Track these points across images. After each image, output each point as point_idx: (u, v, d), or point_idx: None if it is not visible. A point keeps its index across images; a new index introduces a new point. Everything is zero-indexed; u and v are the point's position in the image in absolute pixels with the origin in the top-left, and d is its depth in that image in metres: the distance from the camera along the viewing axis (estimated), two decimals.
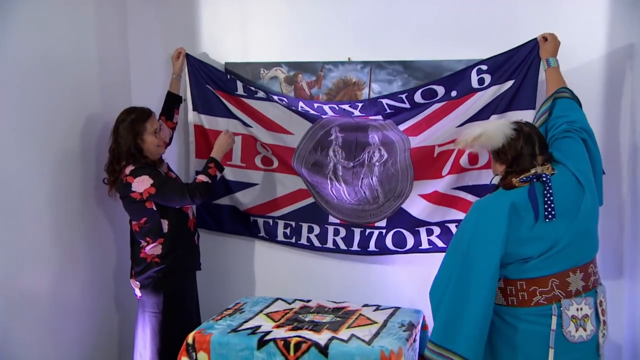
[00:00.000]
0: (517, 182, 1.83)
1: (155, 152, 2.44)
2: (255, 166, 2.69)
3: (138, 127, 2.39)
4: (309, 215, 2.66)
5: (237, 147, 2.68)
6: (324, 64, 2.66)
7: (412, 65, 2.55)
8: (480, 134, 1.84)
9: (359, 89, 2.63)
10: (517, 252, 1.79)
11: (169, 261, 2.42)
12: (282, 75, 2.72)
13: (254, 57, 2.77)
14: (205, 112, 2.67)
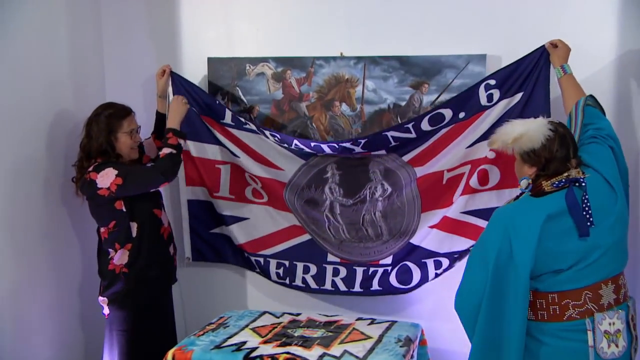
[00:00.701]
0: (549, 187, 1.78)
1: (127, 154, 2.35)
2: (245, 198, 2.61)
3: (114, 124, 2.30)
4: (304, 254, 2.58)
5: (226, 176, 2.61)
6: (314, 59, 2.61)
7: (409, 61, 2.52)
8: (522, 134, 1.78)
9: (352, 86, 2.60)
10: (551, 263, 1.73)
11: (137, 270, 2.32)
12: (269, 71, 2.68)
13: (239, 51, 2.71)
14: (192, 138, 2.58)
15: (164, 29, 2.78)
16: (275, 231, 2.59)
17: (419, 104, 2.54)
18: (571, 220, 1.73)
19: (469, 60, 2.43)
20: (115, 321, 2.36)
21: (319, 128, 2.66)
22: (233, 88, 2.73)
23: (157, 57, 2.78)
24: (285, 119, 2.69)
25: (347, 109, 2.62)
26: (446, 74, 2.48)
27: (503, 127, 1.88)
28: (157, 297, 2.43)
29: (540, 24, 2.35)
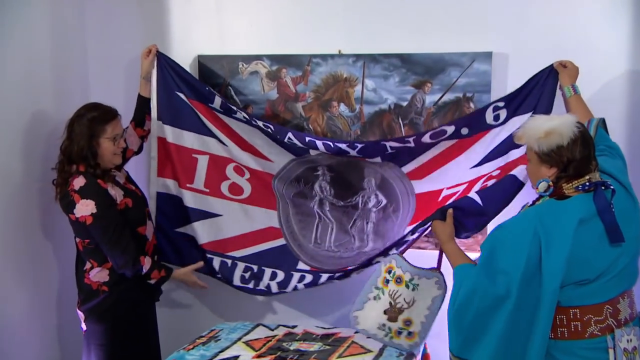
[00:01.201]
0: (571, 190, 1.73)
1: (109, 160, 2.28)
2: (221, 194, 2.51)
3: (96, 128, 2.23)
4: (275, 259, 2.50)
5: (203, 168, 2.50)
6: (311, 57, 2.59)
7: (411, 59, 2.49)
8: (553, 129, 1.73)
9: (351, 85, 2.57)
10: (578, 273, 1.67)
11: (119, 291, 2.27)
12: (263, 70, 2.65)
13: (232, 49, 2.68)
14: (171, 124, 2.48)
15: (152, 24, 2.73)
16: (248, 232, 2.50)
17: (422, 104, 2.52)
18: (601, 225, 1.68)
19: (474, 58, 2.40)
20: (93, 335, 2.29)
21: (316, 130, 2.64)
22: (225, 87, 2.70)
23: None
24: (281, 120, 2.66)
25: (346, 109, 2.60)
26: (450, 73, 2.45)
27: (530, 121, 1.82)
28: (139, 313, 2.37)
29: (550, 20, 2.33)
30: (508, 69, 2.41)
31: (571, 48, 2.31)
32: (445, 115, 2.50)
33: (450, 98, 2.46)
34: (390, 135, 2.54)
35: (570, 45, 2.33)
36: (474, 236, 2.46)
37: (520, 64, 2.38)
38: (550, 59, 2.29)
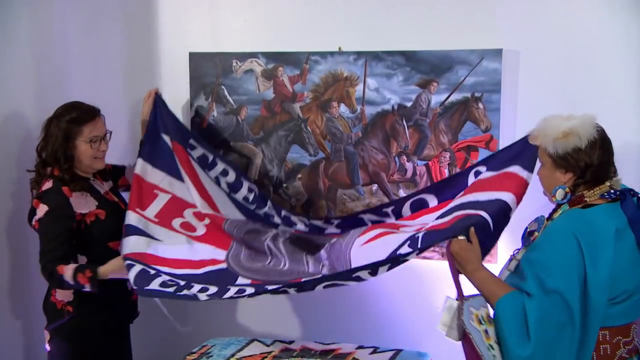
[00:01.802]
0: (594, 198, 1.67)
1: (88, 165, 2.19)
2: (170, 226, 2.35)
3: (72, 129, 2.14)
4: (209, 278, 2.25)
5: (160, 204, 2.34)
6: (309, 54, 2.57)
7: (416, 56, 2.46)
8: (571, 129, 1.67)
9: (352, 84, 2.54)
10: (615, 288, 1.61)
11: (84, 313, 2.17)
12: (258, 68, 2.62)
13: (225, 46, 2.65)
14: (146, 159, 2.38)
15: (141, 19, 2.70)
16: (187, 259, 2.29)
17: (427, 104, 2.48)
18: (632, 236, 1.62)
19: (483, 56, 2.37)
20: (56, 358, 2.21)
21: (314, 132, 2.61)
22: (218, 87, 2.67)
23: (132, 52, 2.71)
24: (277, 121, 2.63)
25: (347, 110, 2.57)
26: (457, 71, 2.41)
27: (547, 120, 1.77)
28: (110, 337, 2.28)
29: (564, 15, 2.29)
30: (519, 67, 2.37)
31: (586, 44, 2.29)
32: (452, 116, 2.46)
33: (458, 98, 2.43)
34: (393, 138, 2.51)
35: (584, 41, 2.30)
36: None
37: (533, 62, 2.36)
38: (565, 56, 2.33)
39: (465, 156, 2.45)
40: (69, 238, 2.11)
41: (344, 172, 2.59)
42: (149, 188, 2.35)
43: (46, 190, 2.12)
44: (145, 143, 2.39)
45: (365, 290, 2.59)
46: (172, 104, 2.67)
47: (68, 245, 2.10)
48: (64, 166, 2.13)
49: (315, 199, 2.63)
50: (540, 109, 2.25)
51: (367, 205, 2.56)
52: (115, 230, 2.21)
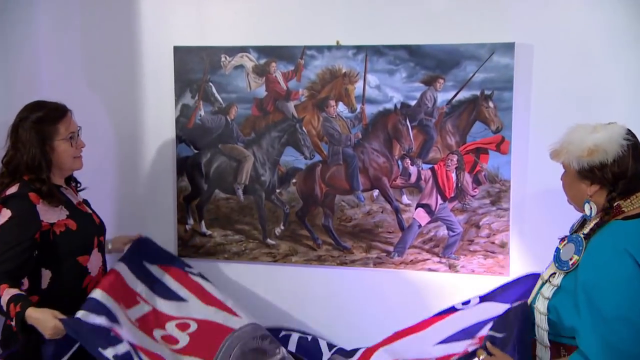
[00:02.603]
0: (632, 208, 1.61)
1: (69, 166, 2.09)
2: (151, 334, 2.22)
3: (47, 129, 2.02)
4: None
5: (141, 310, 2.23)
6: (304, 48, 2.52)
7: (420, 51, 2.43)
8: (597, 145, 1.63)
9: (351, 81, 2.49)
10: None
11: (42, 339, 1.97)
12: (249, 63, 2.57)
13: (213, 39, 2.61)
14: (131, 269, 2.28)
15: (120, 10, 2.65)
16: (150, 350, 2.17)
17: (432, 103, 2.43)
18: None
19: (493, 50, 2.35)
20: None
21: (310, 133, 2.56)
22: (205, 84, 2.62)
23: (110, 45, 2.66)
24: (270, 121, 2.58)
25: (345, 109, 2.52)
26: (466, 67, 2.39)
27: (569, 134, 1.72)
28: None
29: (579, 5, 2.27)
30: (533, 62, 2.34)
31: (604, 37, 2.26)
32: (460, 116, 2.40)
33: (466, 96, 2.39)
34: (395, 140, 2.48)
35: (603, 34, 2.27)
36: (493, 256, 2.42)
37: (548, 57, 2.33)
38: (582, 50, 2.30)
39: (474, 159, 2.41)
40: (27, 251, 1.95)
41: (342, 176, 2.53)
42: (130, 292, 2.24)
43: (12, 195, 1.99)
44: (125, 259, 2.26)
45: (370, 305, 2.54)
46: (155, 103, 2.65)
47: (23, 260, 1.93)
48: (43, 175, 2.00)
49: (311, 206, 2.56)
50: (556, 108, 2.35)
51: (367, 213, 2.50)
52: (87, 243, 2.10)
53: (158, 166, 2.66)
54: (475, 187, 2.41)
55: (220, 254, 2.65)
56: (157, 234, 2.63)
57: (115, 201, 2.69)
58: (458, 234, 2.44)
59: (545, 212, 2.32)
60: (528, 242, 2.37)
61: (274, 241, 2.60)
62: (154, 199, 2.68)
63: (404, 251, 2.48)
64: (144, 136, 2.67)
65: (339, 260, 2.55)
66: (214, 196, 2.63)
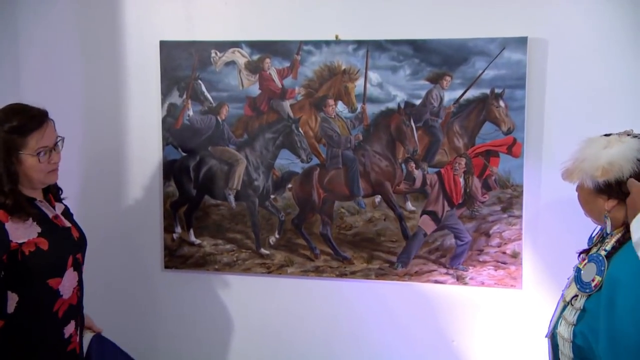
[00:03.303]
0: None
1: (39, 179, 1.96)
2: None
3: (14, 141, 1.89)
4: None
5: None
6: (301, 43, 2.50)
7: (426, 46, 2.41)
8: (611, 164, 1.61)
9: (351, 79, 2.47)
10: None
11: None
12: (242, 59, 2.55)
13: (202, 33, 2.59)
14: None
15: (102, 2, 2.62)
16: None
17: (439, 102, 2.41)
18: None
19: (504, 45, 2.33)
20: None
21: (307, 134, 2.53)
22: (194, 81, 2.59)
23: (93, 40, 2.62)
24: (264, 122, 2.56)
25: (345, 109, 2.50)
26: (475, 63, 2.37)
27: (581, 151, 1.69)
28: None
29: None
30: (547, 57, 2.32)
31: (622, 31, 2.24)
32: (469, 116, 2.38)
33: (475, 95, 2.37)
34: (399, 142, 2.45)
35: (620, 28, 2.25)
36: (504, 267, 2.39)
37: (563, 52, 2.30)
38: (598, 45, 2.27)
39: (483, 162, 2.38)
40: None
41: (341, 181, 2.50)
42: None
43: None
44: None
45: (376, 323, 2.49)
46: (140, 102, 2.60)
47: None
48: (6, 188, 1.88)
49: (308, 213, 2.52)
50: (572, 107, 2.32)
51: (368, 220, 2.46)
52: (59, 264, 2.00)
53: (143, 170, 2.61)
54: (484, 192, 2.37)
55: (210, 264, 2.58)
56: (142, 243, 2.62)
57: (96, 208, 2.63)
58: (466, 243, 2.39)
59: (560, 219, 2.28)
60: (542, 252, 2.33)
61: (268, 251, 2.55)
62: (139, 205, 2.62)
63: (408, 262, 2.44)
64: (128, 138, 2.61)
65: (338, 272, 2.50)
66: (203, 202, 2.57)
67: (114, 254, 2.64)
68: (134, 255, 2.64)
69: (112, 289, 2.65)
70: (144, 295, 2.67)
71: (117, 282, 2.66)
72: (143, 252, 2.58)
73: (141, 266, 2.65)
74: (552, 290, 2.23)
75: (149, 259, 2.63)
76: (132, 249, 2.64)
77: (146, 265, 2.64)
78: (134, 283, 2.66)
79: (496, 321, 2.38)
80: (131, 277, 2.66)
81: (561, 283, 1.80)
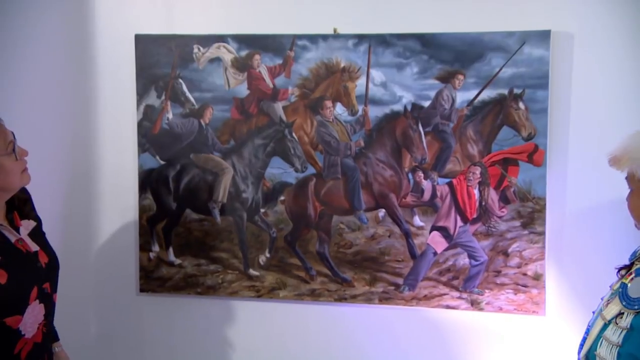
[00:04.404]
0: None
1: (17, 181, 1.93)
2: None
3: None
4: None
5: None
6: (295, 37, 2.47)
7: (435, 41, 2.38)
8: None
9: (351, 78, 2.45)
10: None
11: None
12: (228, 56, 2.53)
13: (183, 27, 2.56)
14: None
15: None
16: None
17: (450, 104, 2.39)
18: None
19: (524, 40, 2.30)
20: None
21: (302, 140, 2.51)
22: (174, 80, 2.57)
23: (59, 34, 2.58)
24: (253, 126, 2.53)
25: (344, 111, 2.48)
26: (491, 60, 2.35)
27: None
28: None
29: None
30: (573, 54, 2.29)
31: None
32: (484, 119, 2.37)
33: (491, 95, 2.34)
34: (405, 149, 2.43)
35: None
36: (525, 291, 2.36)
37: (590, 47, 2.28)
38: (630, 39, 2.23)
39: (501, 172, 2.35)
40: None
41: (340, 193, 2.49)
42: None
43: None
44: None
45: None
46: (112, 103, 2.56)
47: None
48: None
49: (302, 229, 2.49)
50: (601, 109, 2.28)
51: (371, 237, 2.42)
52: (20, 300, 1.92)
53: (116, 180, 2.57)
54: (502, 206, 2.36)
55: (191, 287, 2.54)
56: (114, 263, 2.56)
57: (62, 224, 2.57)
58: (482, 263, 2.38)
59: (589, 236, 2.27)
60: (568, 273, 2.29)
61: (258, 272, 2.53)
62: (111, 221, 2.58)
63: (416, 284, 2.42)
64: (99, 144, 2.57)
65: (336, 295, 2.47)
66: (184, 217, 2.56)
67: (81, 277, 2.58)
68: (104, 277, 2.59)
69: (79, 316, 2.58)
70: (116, 323, 2.60)
71: (85, 308, 2.59)
72: (115, 274, 2.51)
73: (113, 290, 2.59)
74: (579, 317, 2.16)
75: (121, 282, 2.57)
76: (103, 271, 2.59)
77: (119, 288, 2.59)
78: (105, 309, 2.60)
79: (516, 353, 2.33)
80: (101, 303, 2.60)
81: (590, 309, 1.75)
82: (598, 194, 2.18)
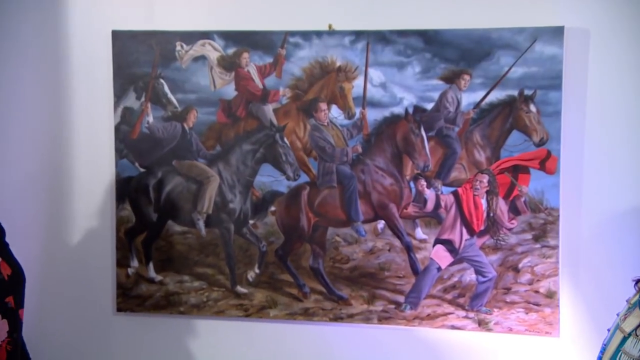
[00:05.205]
0: None
1: None
2: None
3: None
4: None
5: None
6: (287, 34, 2.45)
7: (439, 38, 2.37)
8: None
9: (348, 78, 2.43)
10: None
11: None
12: (213, 54, 2.51)
13: (165, 22, 2.53)
14: None
15: None
16: None
17: (455, 106, 2.37)
18: None
19: (536, 37, 2.28)
20: None
21: (294, 146, 2.49)
22: (155, 80, 2.55)
23: (31, 29, 2.56)
24: (241, 130, 2.51)
25: (340, 114, 2.46)
26: (499, 59, 2.32)
27: None
28: None
29: None
30: (589, 52, 2.27)
31: None
32: (492, 123, 2.34)
33: (500, 97, 2.32)
34: (406, 155, 2.41)
35: None
36: (537, 310, 2.34)
37: (606, 45, 2.25)
38: None
39: (510, 180, 2.32)
40: None
41: (336, 203, 2.47)
42: None
43: None
44: None
45: None
46: (87, 106, 2.54)
47: None
48: None
49: (295, 242, 2.47)
50: (619, 112, 2.25)
51: (369, 251, 2.38)
52: None
53: (91, 189, 2.55)
54: (512, 217, 2.34)
55: (173, 306, 2.53)
56: (88, 280, 2.52)
57: (33, 237, 2.52)
58: (490, 279, 2.36)
59: (606, 250, 2.24)
60: (584, 290, 2.28)
61: (246, 289, 2.50)
62: (86, 233, 2.53)
63: (418, 302, 2.40)
64: (73, 150, 2.55)
65: (332, 315, 2.45)
66: (165, 230, 2.54)
67: (53, 294, 2.52)
68: (77, 295, 2.56)
69: (50, 337, 2.53)
70: (90, 346, 2.57)
71: (56, 329, 2.53)
72: (89, 292, 2.47)
73: (87, 309, 2.55)
74: (596, 338, 2.06)
75: (97, 300, 2.54)
76: (76, 288, 2.56)
77: (94, 307, 2.55)
78: (79, 330, 2.56)
79: None
80: (75, 323, 2.56)
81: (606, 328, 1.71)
82: (616, 204, 2.16)
